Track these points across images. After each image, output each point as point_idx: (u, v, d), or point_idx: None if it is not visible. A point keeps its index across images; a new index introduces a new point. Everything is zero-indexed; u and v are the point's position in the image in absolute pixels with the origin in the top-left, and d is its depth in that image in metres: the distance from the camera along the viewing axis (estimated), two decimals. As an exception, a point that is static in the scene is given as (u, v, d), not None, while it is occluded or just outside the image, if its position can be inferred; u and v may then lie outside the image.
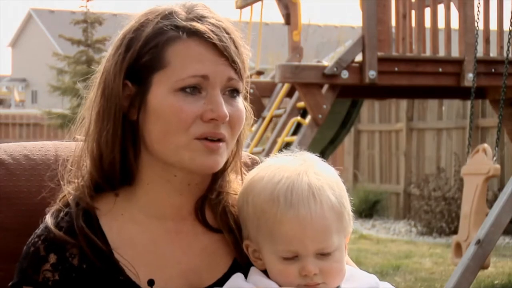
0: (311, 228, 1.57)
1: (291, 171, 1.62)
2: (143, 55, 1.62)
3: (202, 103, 1.60)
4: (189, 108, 1.60)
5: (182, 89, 1.60)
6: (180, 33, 1.61)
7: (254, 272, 1.64)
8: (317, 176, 1.62)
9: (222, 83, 1.62)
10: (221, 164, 1.64)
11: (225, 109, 1.61)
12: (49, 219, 1.64)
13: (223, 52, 1.61)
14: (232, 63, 1.62)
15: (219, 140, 1.62)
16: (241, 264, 1.67)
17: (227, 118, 1.61)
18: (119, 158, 1.65)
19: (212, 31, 1.62)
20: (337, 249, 1.61)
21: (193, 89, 1.60)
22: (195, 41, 1.61)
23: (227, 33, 1.63)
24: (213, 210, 1.71)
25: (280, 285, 1.60)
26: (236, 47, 1.64)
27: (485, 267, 5.61)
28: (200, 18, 1.64)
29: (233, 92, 1.64)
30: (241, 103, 1.66)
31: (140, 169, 1.67)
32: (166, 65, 1.61)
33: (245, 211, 1.65)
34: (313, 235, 1.58)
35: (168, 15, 1.64)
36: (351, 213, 1.66)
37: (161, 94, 1.61)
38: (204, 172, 1.65)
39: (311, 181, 1.60)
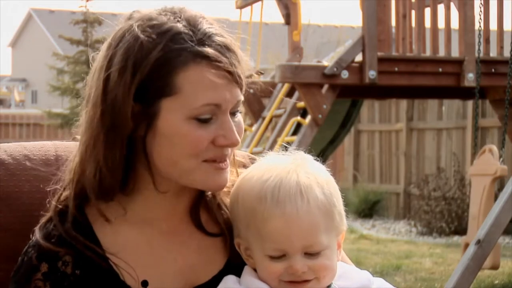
0: (297, 225, 1.57)
1: (281, 169, 1.62)
2: (152, 79, 1.57)
3: (214, 128, 1.59)
4: (204, 135, 1.59)
5: (196, 117, 1.58)
6: (190, 58, 1.56)
7: (246, 273, 1.64)
8: (307, 175, 1.61)
9: (232, 106, 1.61)
10: (229, 179, 1.66)
11: (236, 134, 1.61)
12: (38, 232, 1.62)
13: (234, 76, 1.59)
14: (240, 84, 1.61)
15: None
16: (235, 261, 1.67)
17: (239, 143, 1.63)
18: (121, 177, 1.62)
19: (221, 54, 1.57)
20: (327, 248, 1.60)
21: (207, 118, 1.59)
22: (206, 66, 1.57)
23: (231, 50, 1.60)
24: (208, 206, 1.71)
25: (268, 285, 1.59)
26: (239, 62, 1.61)
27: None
28: (207, 39, 1.58)
29: (236, 110, 1.64)
30: (241, 117, 1.66)
31: (136, 181, 1.65)
32: (176, 92, 1.56)
33: (236, 210, 1.65)
34: (299, 233, 1.57)
35: (175, 36, 1.57)
36: (343, 212, 1.64)
37: (174, 121, 1.58)
38: (216, 190, 1.68)
39: (300, 179, 1.60)
